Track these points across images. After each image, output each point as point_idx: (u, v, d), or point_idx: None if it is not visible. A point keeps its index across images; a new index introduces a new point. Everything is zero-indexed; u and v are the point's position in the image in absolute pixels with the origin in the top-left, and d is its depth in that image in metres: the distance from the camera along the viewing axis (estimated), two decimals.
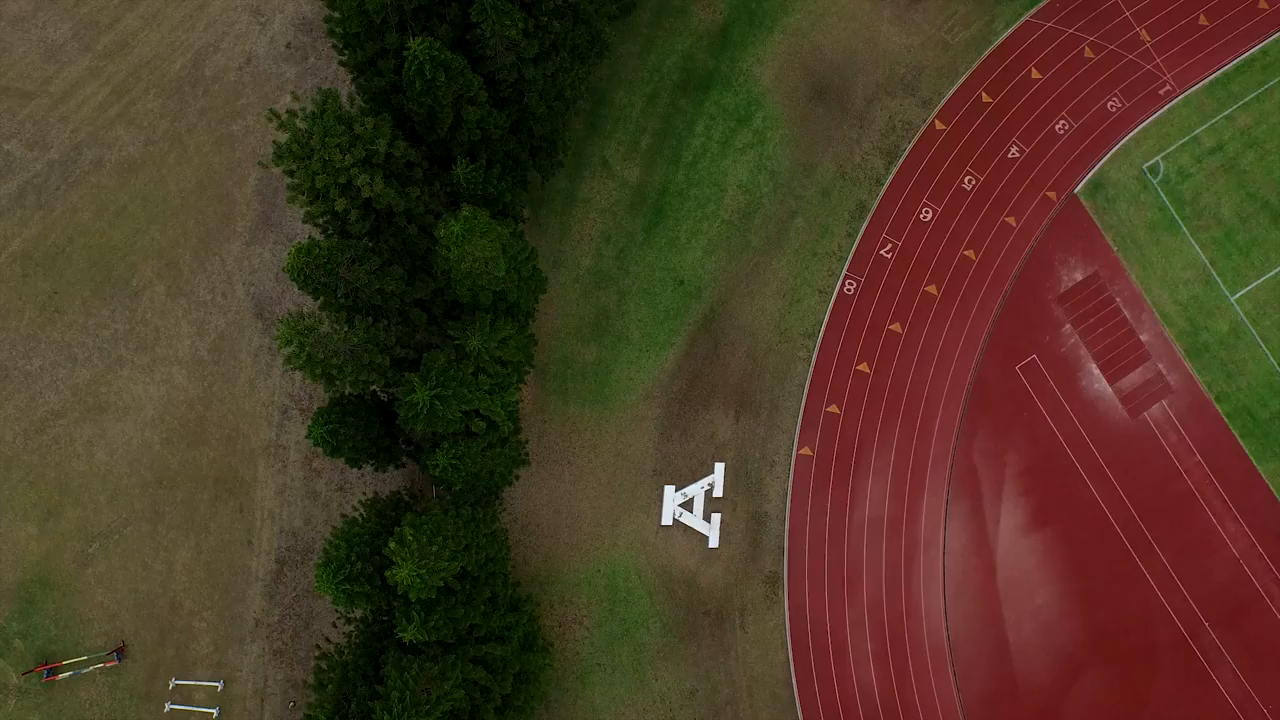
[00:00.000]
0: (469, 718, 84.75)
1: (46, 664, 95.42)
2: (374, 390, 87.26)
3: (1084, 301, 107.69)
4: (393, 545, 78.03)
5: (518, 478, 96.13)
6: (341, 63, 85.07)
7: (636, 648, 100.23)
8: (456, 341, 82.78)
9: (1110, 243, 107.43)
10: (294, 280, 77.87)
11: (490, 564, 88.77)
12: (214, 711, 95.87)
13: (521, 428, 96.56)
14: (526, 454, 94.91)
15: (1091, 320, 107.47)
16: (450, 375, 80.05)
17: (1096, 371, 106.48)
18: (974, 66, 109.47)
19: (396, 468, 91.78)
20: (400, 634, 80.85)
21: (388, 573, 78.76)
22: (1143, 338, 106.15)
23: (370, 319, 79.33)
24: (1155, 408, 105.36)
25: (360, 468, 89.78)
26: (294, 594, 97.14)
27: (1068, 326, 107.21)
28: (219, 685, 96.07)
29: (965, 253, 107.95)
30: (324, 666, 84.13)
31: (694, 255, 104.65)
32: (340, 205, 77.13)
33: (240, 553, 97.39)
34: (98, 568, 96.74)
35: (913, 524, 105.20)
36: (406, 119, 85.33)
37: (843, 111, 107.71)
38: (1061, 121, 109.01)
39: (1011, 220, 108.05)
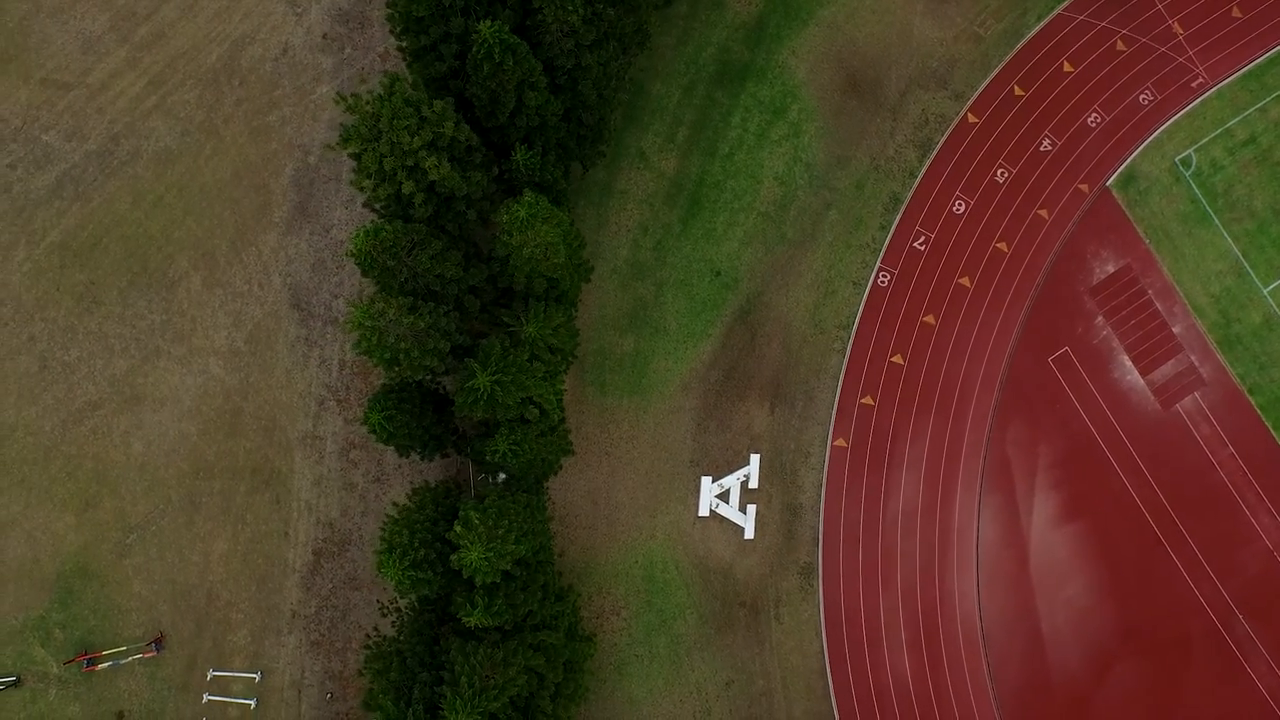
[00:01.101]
0: (525, 705, 77.04)
1: (86, 654, 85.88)
2: (424, 378, 78.68)
3: (1116, 294, 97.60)
4: (458, 529, 70.66)
5: (560, 467, 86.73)
6: (400, 48, 75.61)
7: (673, 639, 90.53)
8: (511, 328, 74.22)
9: (1142, 235, 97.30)
10: (359, 263, 70.53)
11: (541, 552, 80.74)
12: (251, 703, 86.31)
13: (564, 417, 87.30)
14: (570, 443, 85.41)
15: (1124, 312, 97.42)
16: (509, 361, 71.77)
17: (1129, 363, 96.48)
18: (1006, 59, 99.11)
19: (442, 456, 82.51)
20: (464, 619, 73.03)
21: (453, 556, 71.32)
22: (1175, 330, 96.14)
23: (431, 304, 71.18)
24: (1188, 399, 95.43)
25: (407, 455, 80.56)
26: (331, 585, 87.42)
27: (1100, 318, 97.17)
28: (256, 676, 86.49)
29: (998, 245, 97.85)
30: (380, 653, 75.72)
31: (730, 247, 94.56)
32: (407, 188, 69.31)
33: (277, 544, 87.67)
34: (135, 558, 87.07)
35: (946, 515, 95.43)
36: (465, 105, 77.39)
37: (876, 104, 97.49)
38: (1094, 114, 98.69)
39: (1044, 213, 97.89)
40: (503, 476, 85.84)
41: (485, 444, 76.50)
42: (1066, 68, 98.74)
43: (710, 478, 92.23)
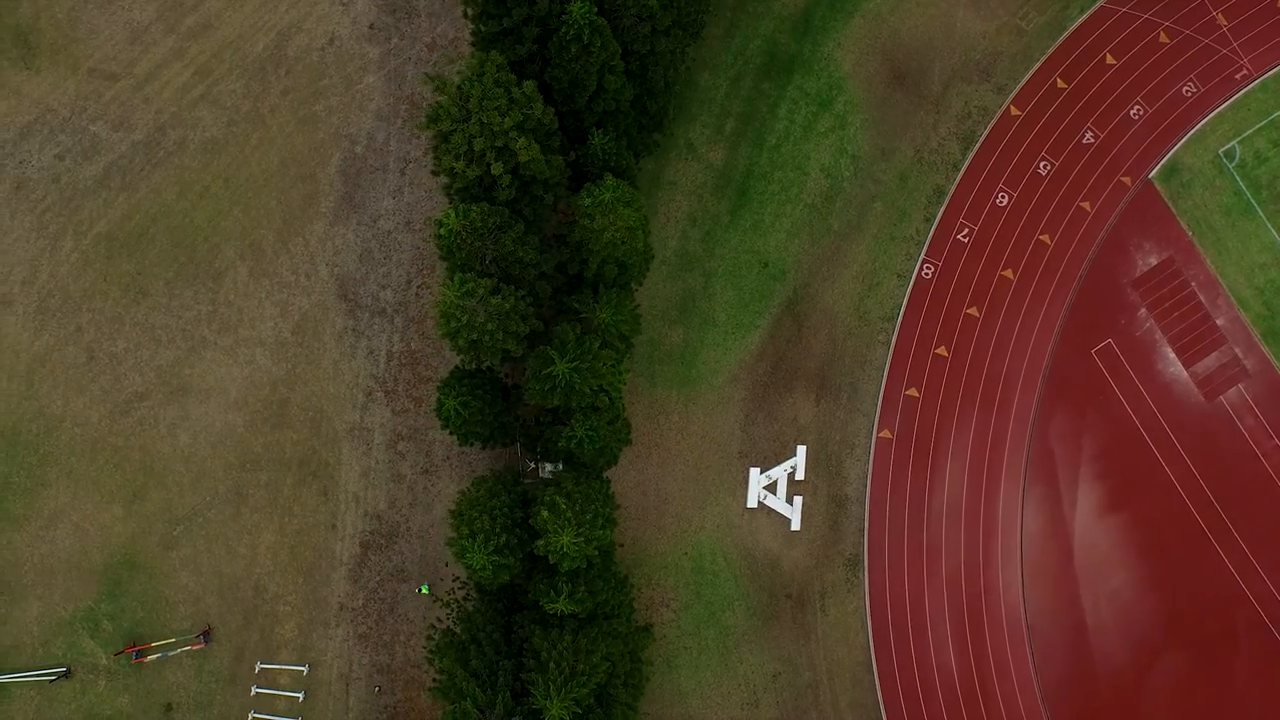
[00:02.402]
0: (600, 693, 67.62)
1: (134, 646, 75.25)
2: (497, 364, 68.79)
3: (1159, 286, 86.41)
4: (545, 514, 61.81)
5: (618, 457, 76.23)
6: (477, 31, 64.98)
7: (722, 631, 79.76)
8: (581, 315, 63.62)
9: (1185, 227, 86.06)
10: (444, 245, 61.34)
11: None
12: (299, 695, 75.72)
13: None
14: (630, 433, 74.84)
15: (1167, 305, 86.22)
16: (585, 349, 62.27)
17: (1172, 355, 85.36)
18: (1049, 52, 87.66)
19: (504, 445, 72.21)
20: (546, 605, 64.05)
21: (538, 542, 62.76)
22: (1218, 322, 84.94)
23: (510, 288, 61.80)
24: (1232, 391, 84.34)
25: (469, 445, 69.94)
26: (378, 578, 76.73)
27: (1143, 311, 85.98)
28: (304, 669, 75.73)
29: (1040, 237, 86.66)
30: (453, 642, 65.78)
31: (778, 238, 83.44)
32: (496, 169, 59.97)
33: (324, 536, 76.96)
34: (182, 550, 76.39)
35: (990, 506, 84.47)
36: (542, 89, 67.57)
37: (920, 97, 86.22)
38: (1136, 107, 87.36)
39: (1086, 205, 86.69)
40: (551, 468, 75.25)
41: (557, 431, 66.43)
42: (1109, 60, 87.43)
43: (758, 469, 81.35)
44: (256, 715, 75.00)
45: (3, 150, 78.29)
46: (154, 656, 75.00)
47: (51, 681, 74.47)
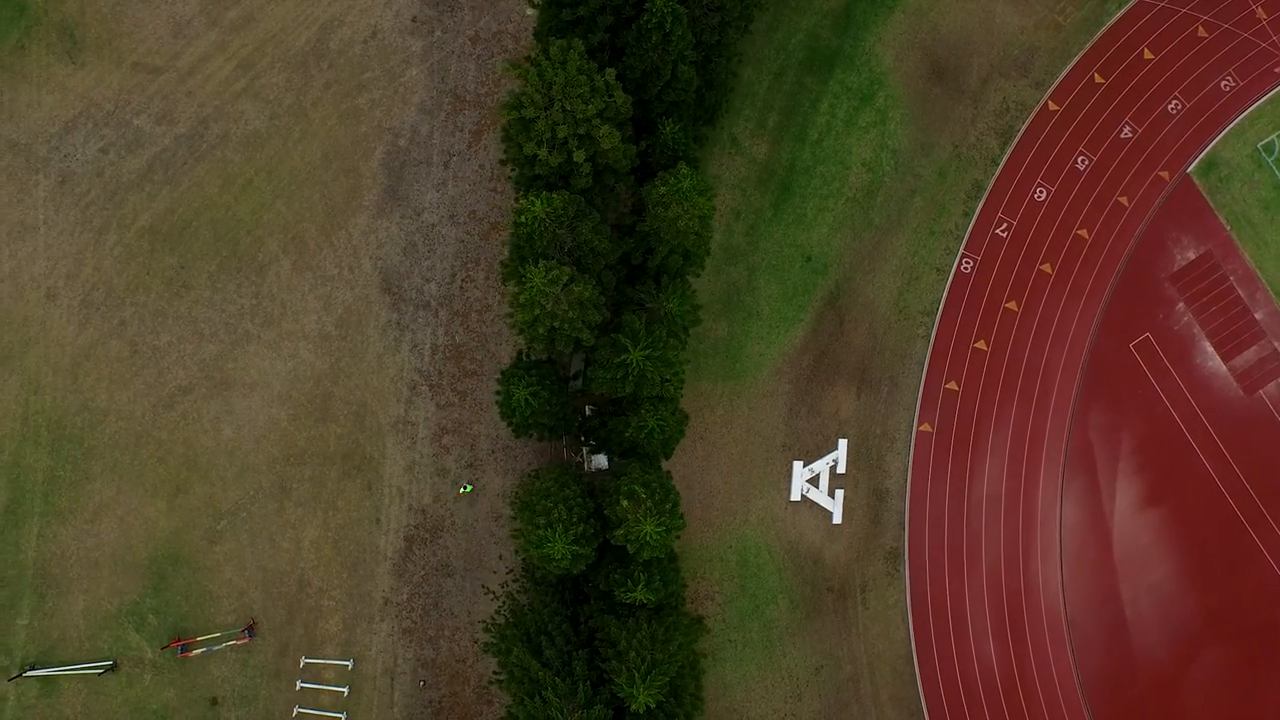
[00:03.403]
0: (671, 684, 60.61)
1: (179, 640, 68.06)
2: (567, 353, 61.98)
3: (1197, 280, 78.71)
4: (625, 504, 55.38)
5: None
6: (547, 20, 57.73)
7: (766, 624, 72.44)
8: (647, 305, 56.55)
9: (1223, 222, 78.36)
10: (524, 232, 54.56)
11: None
12: (344, 690, 68.57)
13: None
14: (686, 424, 67.96)
15: (1205, 299, 78.56)
16: (655, 338, 55.66)
17: (1210, 349, 77.77)
18: (1086, 47, 79.85)
19: (558, 438, 65.27)
20: (622, 595, 57.56)
21: (618, 531, 56.47)
22: (1257, 316, 77.31)
23: (584, 276, 54.87)
24: (1271, 385, 76.76)
25: (526, 436, 62.72)
26: (423, 572, 69.51)
27: (1181, 305, 78.32)
28: (349, 664, 68.56)
29: (1079, 232, 78.99)
30: (522, 633, 59.05)
31: (820, 232, 75.86)
32: (579, 156, 53.46)
33: (368, 530, 69.77)
34: (226, 545, 69.25)
35: (1030, 499, 76.98)
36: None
37: (959, 92, 78.48)
38: (1174, 101, 79.59)
39: (1124, 200, 79.04)
40: (599, 462, 68.07)
41: (623, 422, 59.43)
42: (1147, 55, 79.66)
43: (801, 462, 73.92)
44: (301, 710, 67.94)
45: (48, 144, 70.94)
46: (199, 651, 67.92)
47: (99, 675, 67.49)
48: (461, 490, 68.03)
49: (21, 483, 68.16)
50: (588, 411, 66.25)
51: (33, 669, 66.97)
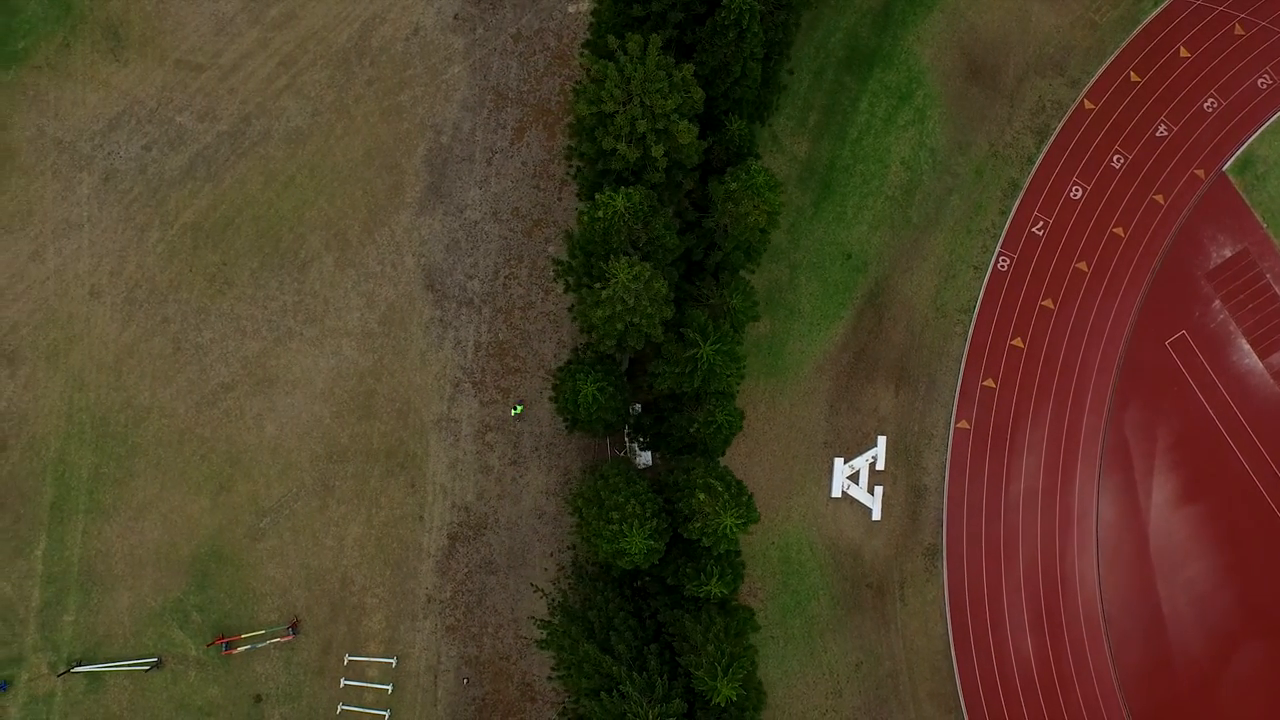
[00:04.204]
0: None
1: (223, 638, 63.36)
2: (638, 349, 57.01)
3: (1233, 278, 73.43)
4: (701, 497, 50.73)
5: None
6: (617, 17, 52.61)
7: (807, 620, 67.54)
8: (710, 301, 51.70)
9: (1260, 219, 72.96)
10: (600, 228, 48.98)
11: None
12: (388, 688, 63.80)
13: None
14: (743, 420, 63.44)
15: (1241, 296, 73.24)
16: (723, 333, 51.36)
17: (1247, 347, 72.48)
18: (1122, 45, 74.51)
19: (609, 433, 60.52)
20: (695, 590, 53.16)
21: (692, 525, 51.86)
22: None
23: (657, 273, 49.54)
24: None
25: (579, 432, 57.93)
26: (466, 570, 64.69)
27: (1217, 302, 73.08)
28: (392, 662, 63.72)
29: (1114, 230, 73.73)
30: (590, 628, 54.23)
31: (860, 230, 70.74)
32: (657, 152, 48.64)
33: (411, 528, 64.94)
34: (269, 542, 64.48)
35: (1066, 497, 71.88)
36: None
37: (995, 91, 73.25)
38: (1210, 99, 74.20)
39: (1160, 198, 73.76)
40: (644, 459, 63.18)
41: (688, 417, 54.52)
42: (1183, 53, 74.31)
43: (842, 459, 68.90)
44: (345, 707, 63.14)
45: (92, 142, 65.96)
46: (243, 648, 63.20)
47: (145, 671, 62.81)
48: (514, 411, 62.81)
49: (67, 480, 63.36)
50: (635, 409, 61.38)
51: (79, 665, 62.25)
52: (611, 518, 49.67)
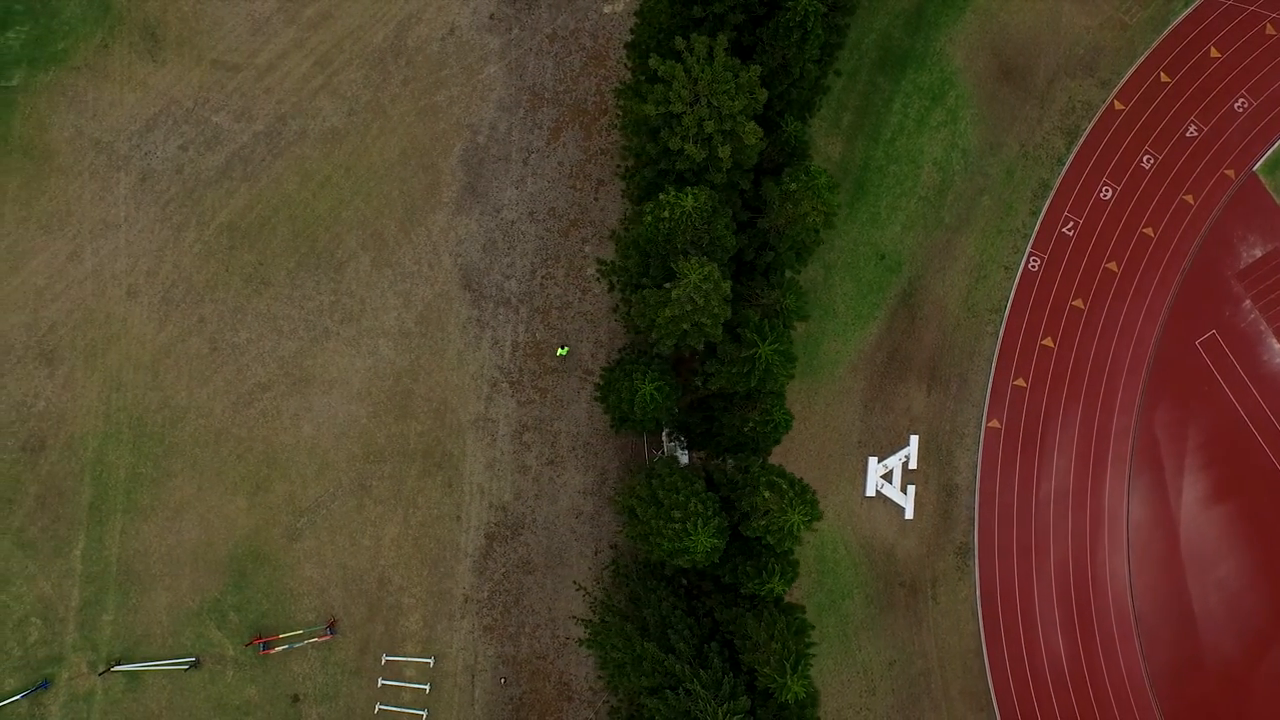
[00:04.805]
0: None
1: (261, 637, 60.50)
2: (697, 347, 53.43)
3: (1264, 277, 70.15)
4: (766, 495, 47.98)
5: None
6: (679, 17, 49.54)
7: (842, 619, 64.55)
8: (762, 301, 48.83)
9: None
10: (666, 229, 46.09)
11: None
12: (425, 687, 60.89)
13: None
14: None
15: (1271, 296, 69.95)
16: (779, 332, 48.43)
17: (1277, 346, 69.13)
18: (1152, 46, 71.20)
19: (652, 431, 57.46)
20: (754, 588, 50.49)
21: (757, 523, 48.92)
22: None
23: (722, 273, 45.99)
24: None
25: (627, 431, 54.86)
26: (503, 569, 61.75)
27: (1247, 302, 69.86)
28: (430, 661, 60.73)
29: (1144, 230, 70.52)
30: (644, 627, 51.37)
31: (894, 231, 67.56)
32: (724, 153, 45.61)
33: (449, 528, 61.91)
34: (306, 542, 61.49)
35: (1097, 495, 68.75)
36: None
37: (1025, 92, 69.97)
38: (1241, 100, 70.86)
39: (1190, 198, 70.51)
40: (683, 458, 60.17)
41: (742, 417, 51.48)
42: (1213, 53, 70.99)
43: (876, 458, 65.95)
44: (383, 707, 60.18)
45: (129, 142, 62.75)
46: (280, 648, 60.30)
47: (184, 671, 59.95)
48: (560, 353, 59.99)
49: (104, 480, 60.37)
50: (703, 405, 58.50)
51: (119, 664, 59.29)
52: (674, 517, 46.66)
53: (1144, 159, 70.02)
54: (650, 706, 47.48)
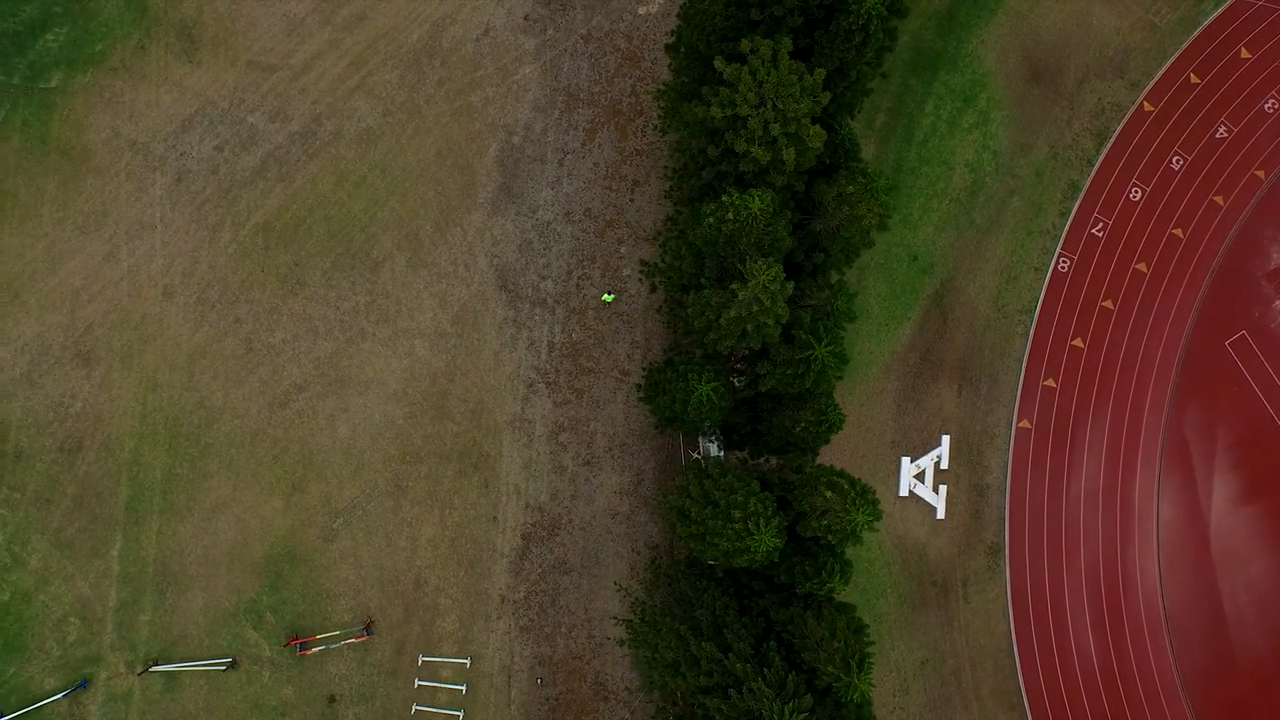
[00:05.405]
0: None
1: (297, 638, 58.12)
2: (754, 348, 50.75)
3: None
4: (829, 495, 45.56)
5: None
6: (730, 21, 46.96)
7: (875, 618, 61.83)
8: (811, 303, 46.43)
9: None
10: (729, 230, 43.49)
11: None
12: (462, 688, 58.48)
13: None
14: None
15: None
16: (834, 334, 46.17)
17: None
18: (1182, 47, 68.42)
19: (694, 432, 55.03)
20: (811, 587, 48.33)
21: (819, 523, 46.26)
22: None
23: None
24: None
25: (678, 430, 52.56)
26: (540, 570, 59.29)
27: (1277, 302, 67.07)
28: (466, 662, 58.39)
29: (1174, 231, 67.84)
30: (698, 626, 49.00)
31: (926, 232, 64.92)
32: (788, 155, 43.13)
33: (485, 529, 59.44)
34: (342, 543, 59.03)
35: (1127, 495, 66.16)
36: None
37: (1055, 93, 67.20)
38: (1271, 100, 67.98)
39: (1219, 199, 67.74)
40: (717, 454, 57.67)
41: (793, 417, 49.13)
42: (1244, 54, 68.17)
43: (909, 458, 63.48)
44: (419, 708, 57.75)
45: (165, 143, 60.17)
46: (318, 649, 57.87)
47: (221, 672, 57.55)
48: (606, 299, 57.58)
49: (141, 480, 57.91)
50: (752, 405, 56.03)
51: (156, 665, 56.95)
52: (734, 517, 44.28)
53: (1174, 160, 67.31)
54: (710, 706, 45.09)
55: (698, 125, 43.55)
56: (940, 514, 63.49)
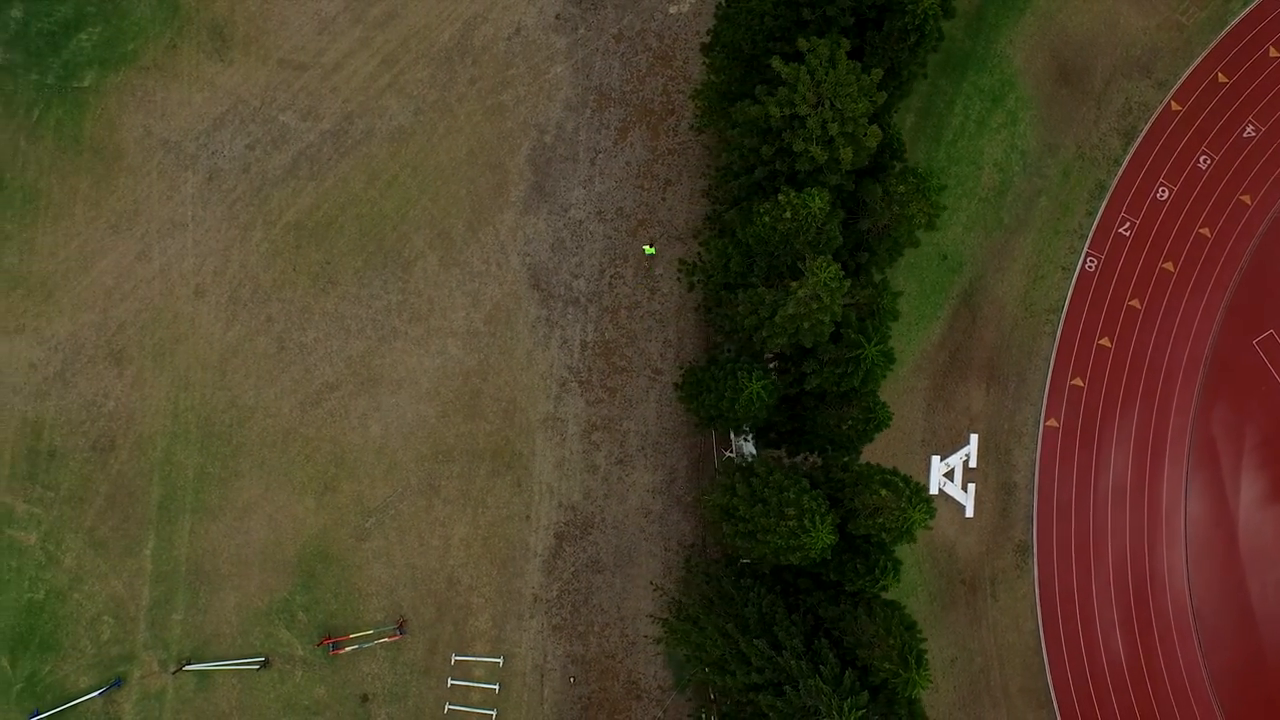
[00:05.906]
0: None
1: (330, 638, 56.25)
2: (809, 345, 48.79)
3: None
4: (884, 493, 44.21)
5: None
6: (790, 20, 45.01)
7: None
8: (858, 301, 44.63)
9: None
10: (785, 229, 42.18)
11: None
12: (495, 687, 56.57)
13: None
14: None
15: None
16: (881, 333, 44.47)
17: None
18: (1210, 47, 66.23)
19: (739, 432, 53.36)
20: (863, 585, 47.20)
21: (875, 521, 44.49)
22: None
23: None
24: None
25: (718, 428, 51.00)
26: (573, 569, 57.34)
27: None
28: (499, 661, 56.60)
29: (1200, 231, 65.69)
30: (745, 624, 47.25)
31: (955, 232, 62.83)
32: (845, 154, 41.52)
33: (518, 527, 57.51)
34: (375, 542, 57.14)
35: (1154, 494, 64.14)
36: None
37: (1083, 93, 65.05)
38: None
39: (1247, 198, 65.50)
40: (750, 454, 55.70)
41: (839, 416, 47.43)
42: (1272, 53, 65.97)
43: (939, 457, 61.48)
44: (452, 707, 55.86)
45: (197, 141, 58.21)
46: (350, 648, 55.96)
47: (255, 671, 55.65)
48: (647, 251, 56.06)
49: (173, 479, 56.01)
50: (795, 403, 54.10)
51: (189, 664, 55.09)
52: (787, 514, 42.40)
53: (1201, 159, 65.17)
54: (763, 703, 43.23)
55: (749, 124, 41.51)
56: (969, 512, 61.53)
